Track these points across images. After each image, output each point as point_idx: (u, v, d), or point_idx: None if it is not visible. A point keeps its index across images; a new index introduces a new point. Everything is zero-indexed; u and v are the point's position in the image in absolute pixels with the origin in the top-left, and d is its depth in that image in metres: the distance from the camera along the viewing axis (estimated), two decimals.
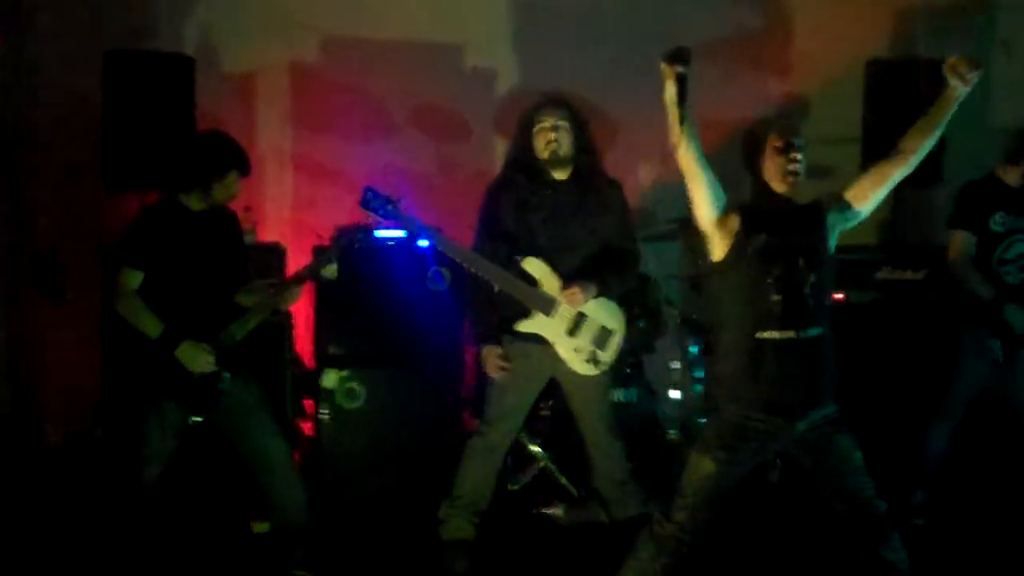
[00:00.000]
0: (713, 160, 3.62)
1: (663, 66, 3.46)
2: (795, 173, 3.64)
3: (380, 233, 4.96)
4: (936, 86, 5.65)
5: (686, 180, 3.63)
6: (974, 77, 3.50)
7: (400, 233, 5.10)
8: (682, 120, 3.49)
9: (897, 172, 3.68)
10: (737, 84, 6.25)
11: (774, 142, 3.66)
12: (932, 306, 5.51)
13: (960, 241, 4.89)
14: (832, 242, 3.74)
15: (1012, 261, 4.86)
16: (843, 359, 3.77)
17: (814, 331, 3.59)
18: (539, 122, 4.44)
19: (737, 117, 6.00)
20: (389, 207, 4.33)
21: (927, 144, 3.64)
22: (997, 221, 4.85)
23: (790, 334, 3.57)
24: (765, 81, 6.39)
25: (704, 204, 3.65)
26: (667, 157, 6.15)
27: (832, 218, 3.72)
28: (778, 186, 3.66)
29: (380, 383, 5.23)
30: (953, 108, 3.60)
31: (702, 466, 3.66)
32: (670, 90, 3.47)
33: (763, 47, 6.36)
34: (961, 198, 4.94)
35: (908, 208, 5.82)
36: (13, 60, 5.80)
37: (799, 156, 3.64)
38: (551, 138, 4.41)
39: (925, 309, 5.56)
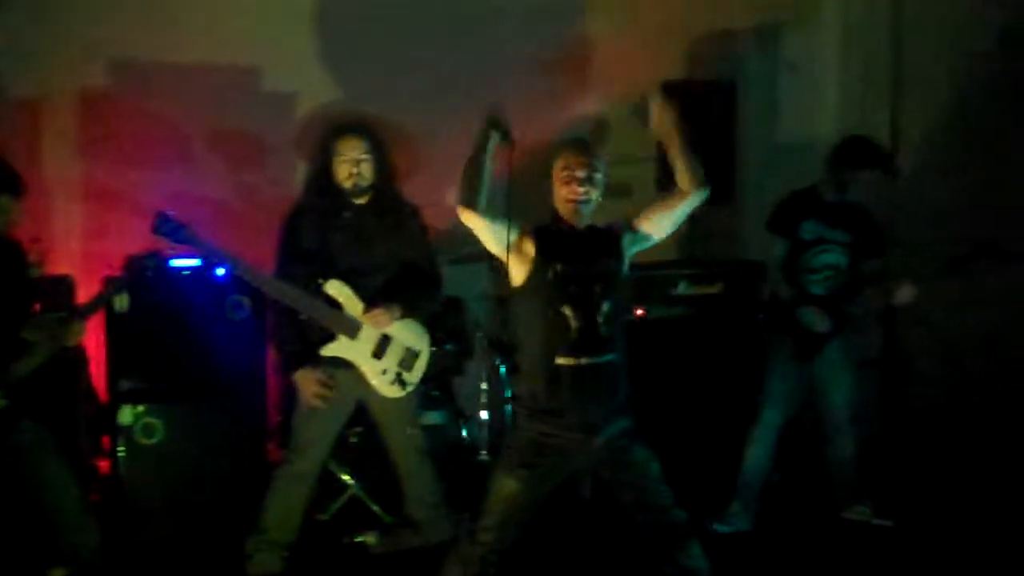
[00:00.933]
0: (524, 182, 3.64)
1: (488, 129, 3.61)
2: (576, 202, 3.69)
3: (175, 262, 4.82)
4: (726, 105, 5.96)
5: (466, 222, 3.69)
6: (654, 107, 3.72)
7: (195, 262, 4.95)
8: (481, 184, 3.58)
9: (680, 206, 3.79)
10: (540, 107, 6.33)
11: (559, 172, 3.73)
12: (731, 317, 5.69)
13: (773, 245, 5.11)
14: (626, 265, 3.82)
15: (818, 271, 5.05)
16: (646, 373, 3.85)
17: (608, 357, 3.68)
18: (341, 153, 4.40)
19: (540, 140, 6.17)
20: (183, 232, 4.20)
21: (689, 174, 3.72)
22: (807, 230, 5.04)
23: (585, 360, 3.64)
24: (567, 104, 6.48)
25: (490, 240, 3.71)
26: None
27: (626, 242, 3.81)
28: (563, 213, 3.72)
29: (179, 417, 5.05)
30: (676, 137, 3.72)
31: (505, 486, 3.69)
32: (488, 151, 3.59)
33: (565, 72, 6.44)
34: (779, 204, 5.14)
35: (702, 224, 5.98)
36: None
37: (580, 189, 3.69)
38: (354, 171, 4.38)
39: (724, 321, 5.73)
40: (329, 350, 4.41)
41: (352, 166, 4.38)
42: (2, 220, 3.98)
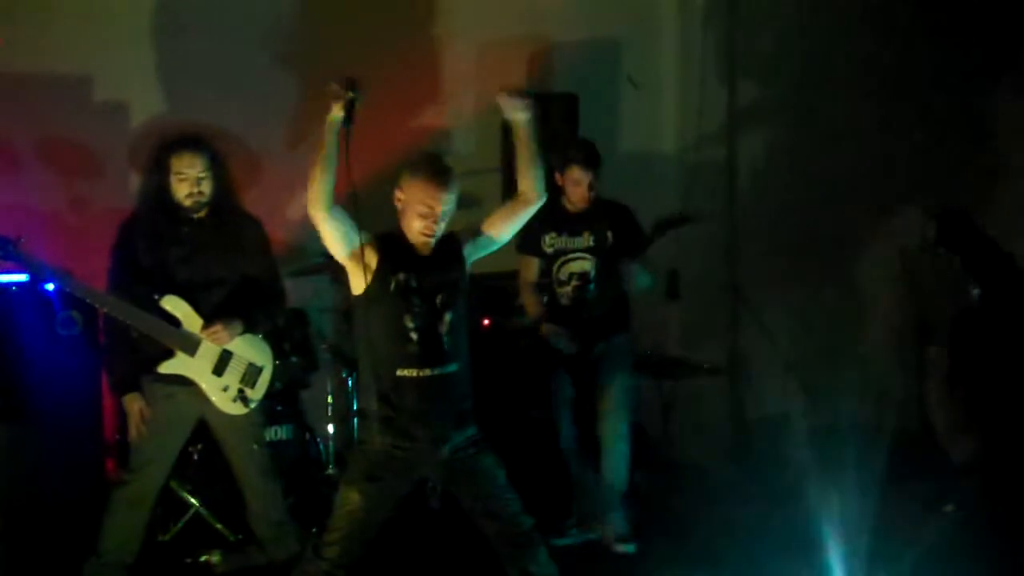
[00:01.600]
0: (365, 192, 3.60)
1: (334, 87, 3.45)
2: (430, 237, 3.67)
3: (1, 277, 4.63)
4: (568, 116, 6.04)
5: (314, 222, 3.59)
6: (522, 102, 3.69)
7: (23, 277, 4.76)
8: (329, 171, 3.48)
9: (524, 209, 3.82)
10: (386, 121, 6.30)
11: (416, 201, 3.64)
12: None
13: (522, 265, 5.16)
14: (467, 274, 3.81)
15: (565, 282, 5.11)
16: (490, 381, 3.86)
17: (451, 367, 3.68)
18: (179, 171, 4.27)
19: (386, 151, 6.15)
20: (9, 248, 4.02)
21: (533, 176, 3.76)
22: (547, 243, 5.10)
23: (427, 372, 3.63)
24: (414, 117, 6.47)
25: (335, 244, 3.63)
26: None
27: (468, 250, 3.80)
28: (413, 241, 3.68)
29: (10, 438, 4.84)
30: (528, 135, 3.73)
31: (349, 499, 3.65)
32: (336, 114, 3.47)
33: (410, 85, 6.44)
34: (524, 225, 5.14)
35: None
36: None
37: (435, 227, 3.65)
38: (194, 190, 4.27)
39: None
40: (167, 367, 4.29)
41: (192, 185, 4.27)
42: None
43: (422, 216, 3.63)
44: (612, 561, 4.96)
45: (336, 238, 3.61)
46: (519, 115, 3.70)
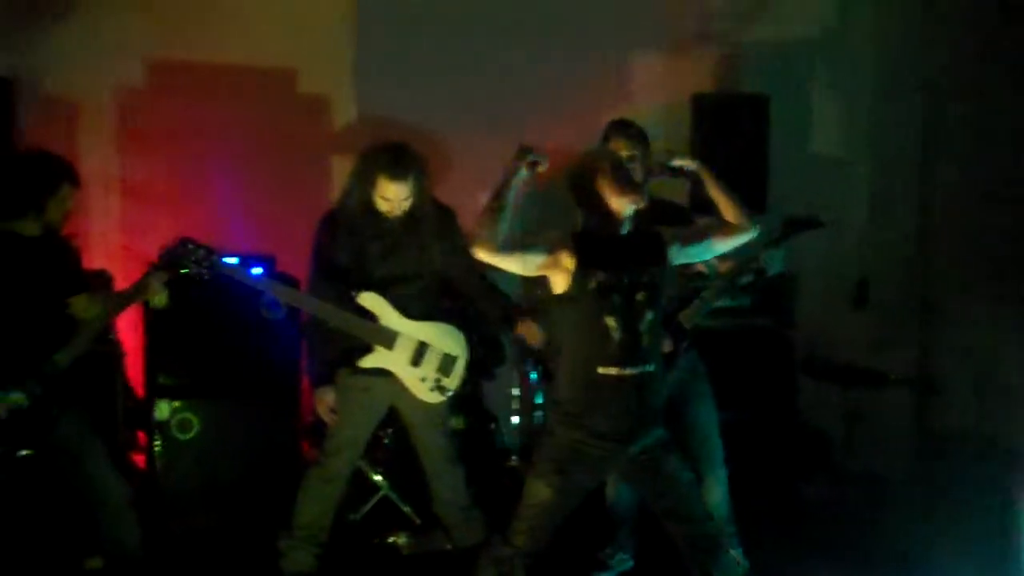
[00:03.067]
0: (550, 193, 3.67)
1: (523, 149, 3.63)
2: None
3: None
4: (758, 118, 5.97)
5: (486, 260, 3.62)
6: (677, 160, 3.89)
7: (234, 259, 4.98)
8: (503, 221, 3.55)
9: (737, 236, 3.84)
10: (572, 119, 6.37)
11: (611, 181, 3.68)
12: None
13: None
14: (670, 274, 3.81)
15: None
16: None
17: (649, 367, 3.66)
18: (383, 195, 4.33)
19: (571, 149, 6.19)
20: (212, 258, 4.20)
21: (734, 211, 3.81)
22: None
23: (626, 372, 3.62)
24: (600, 115, 6.50)
25: (519, 270, 3.67)
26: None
27: (673, 253, 3.78)
28: (617, 208, 3.67)
29: (214, 414, 5.11)
30: (708, 176, 3.83)
31: (538, 492, 3.69)
32: (520, 173, 3.61)
33: (598, 84, 6.49)
34: None
35: None
36: None
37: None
38: (393, 208, 4.36)
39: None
40: (367, 362, 4.40)
41: (393, 203, 4.35)
42: (60, 210, 4.03)
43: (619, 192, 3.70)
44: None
45: (516, 266, 3.64)
46: (687, 165, 3.84)
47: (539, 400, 5.51)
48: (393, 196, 4.32)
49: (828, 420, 5.99)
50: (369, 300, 4.38)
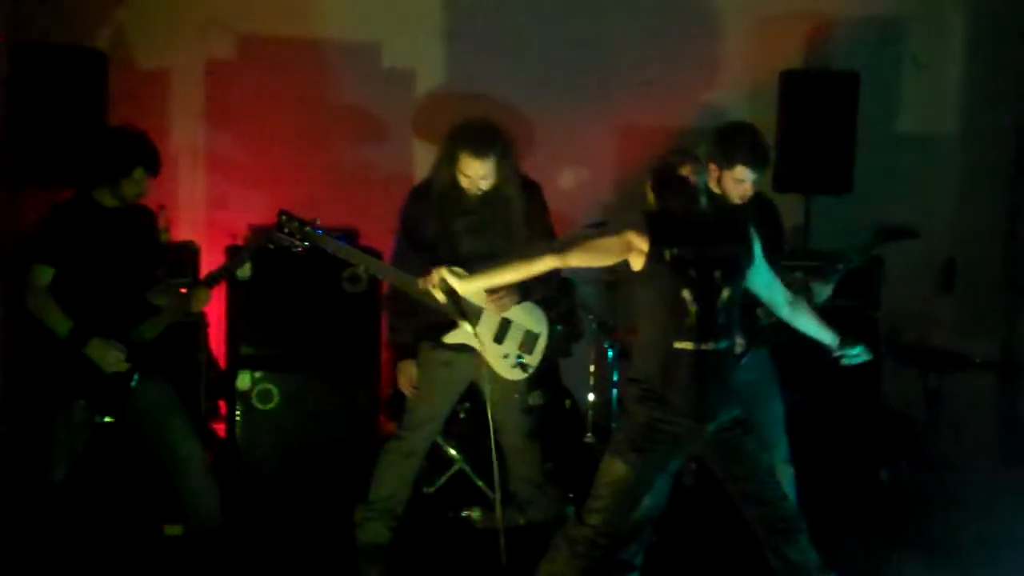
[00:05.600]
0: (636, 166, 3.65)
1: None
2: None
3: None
4: (847, 95, 5.85)
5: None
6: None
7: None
8: None
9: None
10: (659, 94, 6.34)
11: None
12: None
13: None
14: (753, 255, 3.74)
15: None
16: None
17: (724, 343, 3.64)
18: (466, 172, 4.33)
19: (657, 125, 6.18)
20: (306, 229, 4.23)
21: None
22: None
23: (703, 346, 3.60)
24: (687, 91, 6.46)
25: (597, 262, 3.69)
26: (586, 162, 6.36)
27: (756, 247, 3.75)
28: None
29: (294, 385, 5.18)
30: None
31: (615, 469, 3.68)
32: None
33: (685, 60, 6.43)
34: None
35: (819, 217, 5.93)
36: None
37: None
38: (472, 185, 4.35)
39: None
40: (452, 337, 4.40)
41: (474, 184, 4.35)
42: (134, 191, 4.10)
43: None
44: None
45: (587, 261, 3.67)
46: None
47: (615, 377, 5.49)
48: (473, 173, 4.32)
49: (912, 404, 5.88)
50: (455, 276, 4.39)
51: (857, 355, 4.06)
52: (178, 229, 5.71)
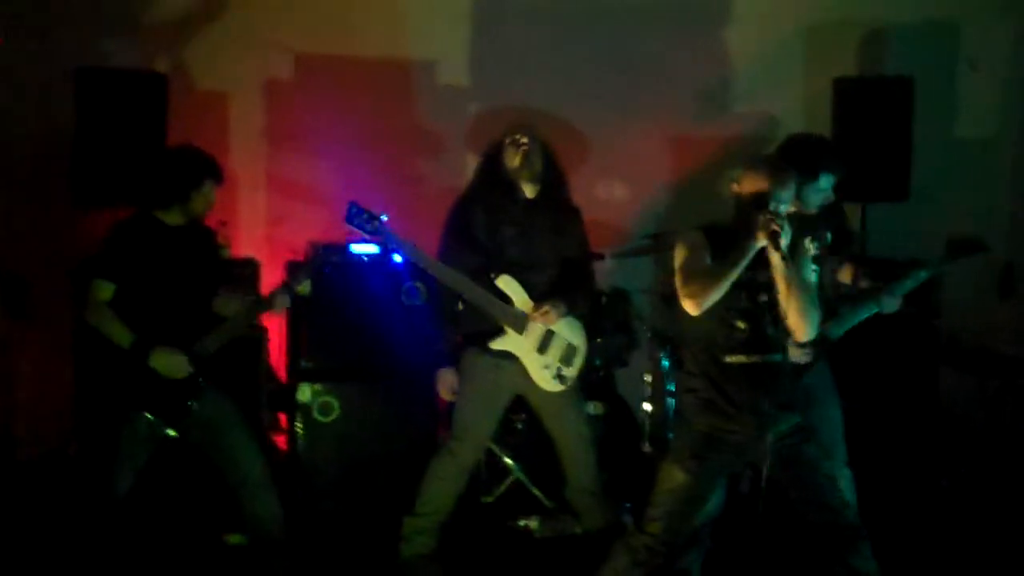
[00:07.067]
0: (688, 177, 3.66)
1: (765, 219, 3.49)
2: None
3: (356, 247, 4.98)
4: (902, 100, 5.82)
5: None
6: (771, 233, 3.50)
7: (374, 248, 5.12)
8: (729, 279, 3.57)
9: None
10: (710, 105, 6.36)
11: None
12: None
13: None
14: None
15: None
16: None
17: (777, 356, 3.67)
18: (508, 139, 4.47)
19: (707, 136, 6.20)
20: (375, 223, 4.29)
21: (795, 318, 3.64)
22: None
23: (755, 359, 3.65)
24: (739, 101, 6.47)
25: None
26: (638, 175, 6.38)
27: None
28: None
29: (354, 397, 5.24)
30: (787, 274, 3.59)
31: (673, 476, 3.72)
32: (759, 241, 3.51)
33: (738, 70, 6.44)
34: None
35: (876, 223, 5.90)
36: None
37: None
38: (522, 150, 4.43)
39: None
40: (498, 344, 4.47)
41: (520, 147, 4.43)
42: (204, 204, 4.21)
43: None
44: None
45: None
46: (772, 254, 3.55)
47: (671, 387, 5.50)
48: (519, 138, 4.42)
49: (971, 411, 5.82)
50: (505, 283, 4.45)
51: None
52: (238, 246, 5.81)
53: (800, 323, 3.64)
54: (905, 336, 5.49)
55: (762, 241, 3.51)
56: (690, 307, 3.62)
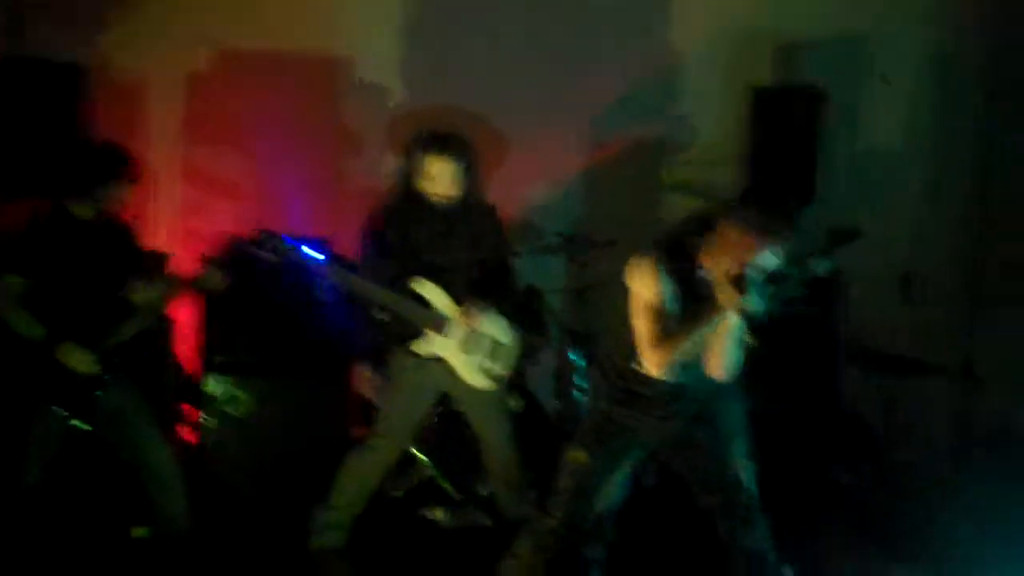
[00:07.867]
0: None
1: (730, 291, 3.51)
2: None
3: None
4: (812, 112, 5.96)
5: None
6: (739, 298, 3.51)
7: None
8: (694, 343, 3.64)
9: None
10: (630, 108, 6.45)
11: (741, 247, 3.53)
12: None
13: None
14: None
15: None
16: None
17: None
18: (431, 175, 4.38)
19: (624, 138, 6.29)
20: (285, 250, 4.34)
21: (720, 362, 3.76)
22: None
23: None
24: (656, 107, 6.58)
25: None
26: (554, 173, 6.44)
27: None
28: (712, 279, 3.61)
29: (265, 391, 5.24)
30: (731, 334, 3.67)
31: (576, 458, 3.83)
32: (726, 308, 3.54)
33: (654, 78, 6.55)
34: None
35: None
36: None
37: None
38: (438, 188, 4.39)
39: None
40: (420, 347, 4.51)
41: (441, 188, 4.40)
42: (114, 199, 4.20)
43: (741, 262, 3.53)
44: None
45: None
46: (731, 316, 3.59)
47: (580, 383, 5.58)
48: (438, 173, 4.36)
49: (872, 410, 5.98)
50: (423, 286, 4.48)
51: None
52: (154, 239, 5.77)
53: (720, 365, 3.74)
54: (808, 335, 5.63)
55: (729, 308, 3.53)
56: (654, 369, 3.68)
